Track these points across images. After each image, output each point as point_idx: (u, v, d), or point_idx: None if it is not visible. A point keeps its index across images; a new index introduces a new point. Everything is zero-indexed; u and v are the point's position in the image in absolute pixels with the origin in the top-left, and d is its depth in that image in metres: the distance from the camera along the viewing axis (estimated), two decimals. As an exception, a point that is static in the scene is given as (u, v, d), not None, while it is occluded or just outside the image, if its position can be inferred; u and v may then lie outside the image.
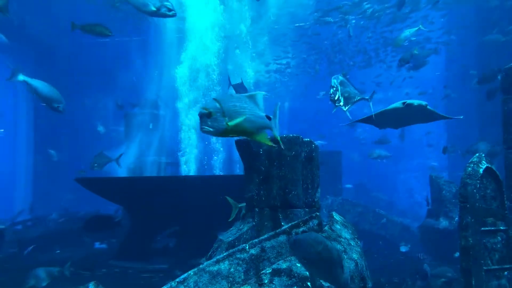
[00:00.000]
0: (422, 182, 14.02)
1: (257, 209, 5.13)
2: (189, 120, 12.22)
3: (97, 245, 11.59)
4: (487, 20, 15.34)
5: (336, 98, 6.31)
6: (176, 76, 12.56)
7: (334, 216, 4.59)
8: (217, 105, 3.11)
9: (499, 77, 10.19)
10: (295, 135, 5.19)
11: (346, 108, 6.58)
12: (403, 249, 10.66)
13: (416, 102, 5.89)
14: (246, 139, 5.51)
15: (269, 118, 3.49)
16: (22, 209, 13.80)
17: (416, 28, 9.93)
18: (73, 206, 14.09)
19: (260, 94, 3.49)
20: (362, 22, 17.53)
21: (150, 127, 12.59)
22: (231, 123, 3.15)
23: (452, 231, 9.83)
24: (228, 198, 5.38)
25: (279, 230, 4.31)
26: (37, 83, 7.11)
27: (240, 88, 9.24)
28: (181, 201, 8.42)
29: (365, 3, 15.80)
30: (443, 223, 10.04)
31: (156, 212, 8.95)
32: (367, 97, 7.20)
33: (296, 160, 5.09)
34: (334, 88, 6.34)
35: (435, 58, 21.16)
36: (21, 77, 7.11)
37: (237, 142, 5.57)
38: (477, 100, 15.40)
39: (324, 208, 13.77)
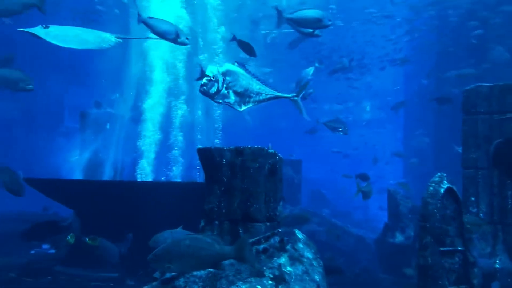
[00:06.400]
0: (379, 195, 14.19)
1: (216, 222, 4.92)
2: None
3: (44, 246, 10.96)
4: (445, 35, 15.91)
5: (214, 91, 4.93)
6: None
7: (297, 234, 4.45)
8: None
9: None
10: (259, 146, 5.03)
11: (243, 107, 5.21)
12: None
13: None
14: (208, 148, 5.29)
15: None
16: None
17: (313, 68, 10.29)
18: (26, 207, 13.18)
19: None
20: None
21: (108, 127, 12.11)
22: None
23: (407, 246, 9.95)
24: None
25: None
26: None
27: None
28: (136, 207, 8.08)
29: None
30: (399, 237, 10.15)
31: (108, 217, 8.56)
32: (290, 95, 5.35)
33: (259, 172, 4.93)
34: (210, 78, 4.90)
35: (394, 71, 21.75)
36: None
37: (199, 150, 5.34)
38: (434, 115, 15.96)
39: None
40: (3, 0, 6.22)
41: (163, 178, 12.24)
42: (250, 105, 5.22)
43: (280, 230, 4.54)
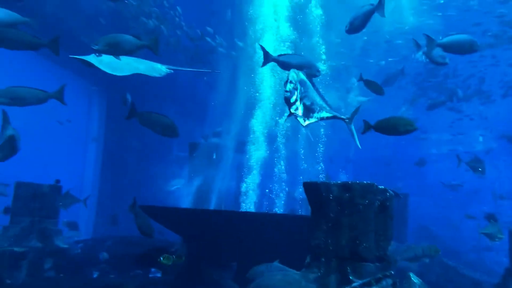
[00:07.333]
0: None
1: (323, 259, 4.77)
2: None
3: (153, 271, 11.53)
4: None
5: (294, 100, 4.48)
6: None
7: (412, 278, 4.16)
8: None
9: None
10: (369, 182, 4.83)
11: (306, 122, 4.87)
12: None
13: None
14: (315, 182, 5.20)
15: None
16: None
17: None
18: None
19: None
20: None
21: (214, 156, 12.55)
22: None
23: (533, 295, 8.86)
24: None
25: (348, 287, 3.95)
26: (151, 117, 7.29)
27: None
28: (240, 236, 8.19)
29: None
30: (523, 285, 9.08)
31: (213, 245, 8.78)
32: (344, 117, 5.38)
33: (369, 209, 4.72)
34: (293, 85, 4.47)
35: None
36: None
37: (305, 184, 5.27)
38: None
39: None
40: (117, 42, 6.58)
41: (265, 207, 12.32)
42: (313, 120, 5.05)
43: (392, 272, 4.28)
